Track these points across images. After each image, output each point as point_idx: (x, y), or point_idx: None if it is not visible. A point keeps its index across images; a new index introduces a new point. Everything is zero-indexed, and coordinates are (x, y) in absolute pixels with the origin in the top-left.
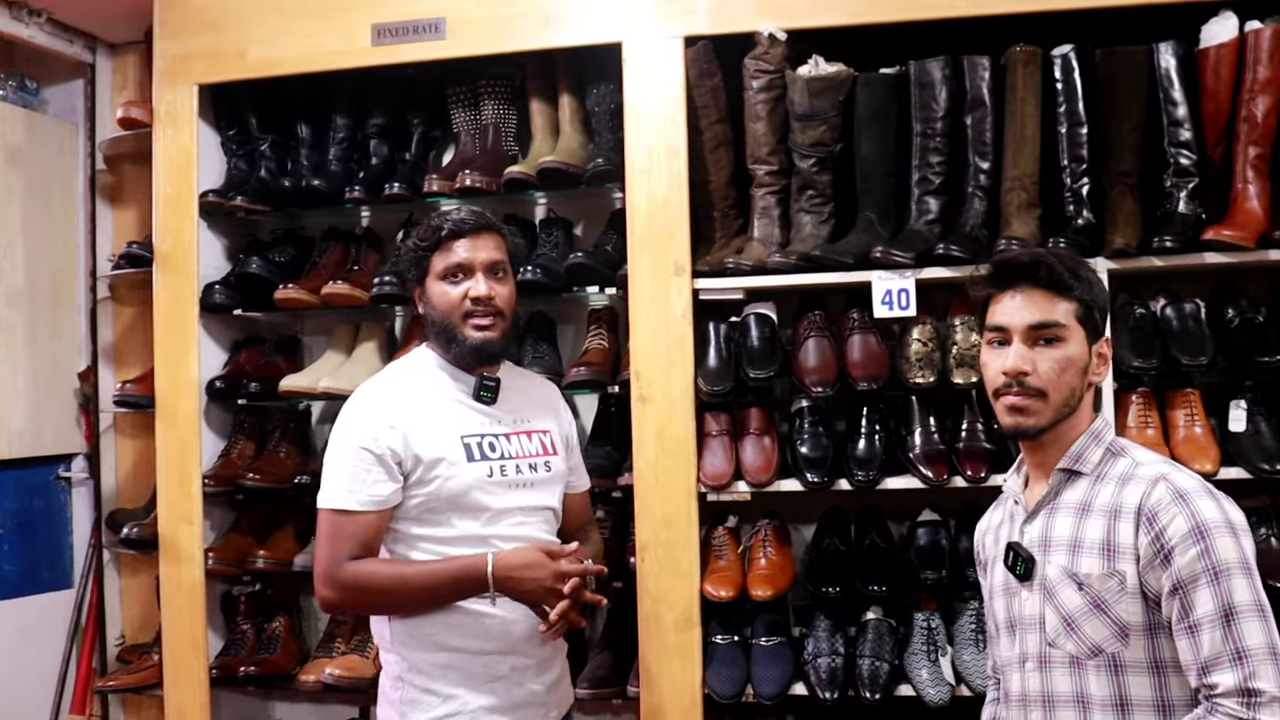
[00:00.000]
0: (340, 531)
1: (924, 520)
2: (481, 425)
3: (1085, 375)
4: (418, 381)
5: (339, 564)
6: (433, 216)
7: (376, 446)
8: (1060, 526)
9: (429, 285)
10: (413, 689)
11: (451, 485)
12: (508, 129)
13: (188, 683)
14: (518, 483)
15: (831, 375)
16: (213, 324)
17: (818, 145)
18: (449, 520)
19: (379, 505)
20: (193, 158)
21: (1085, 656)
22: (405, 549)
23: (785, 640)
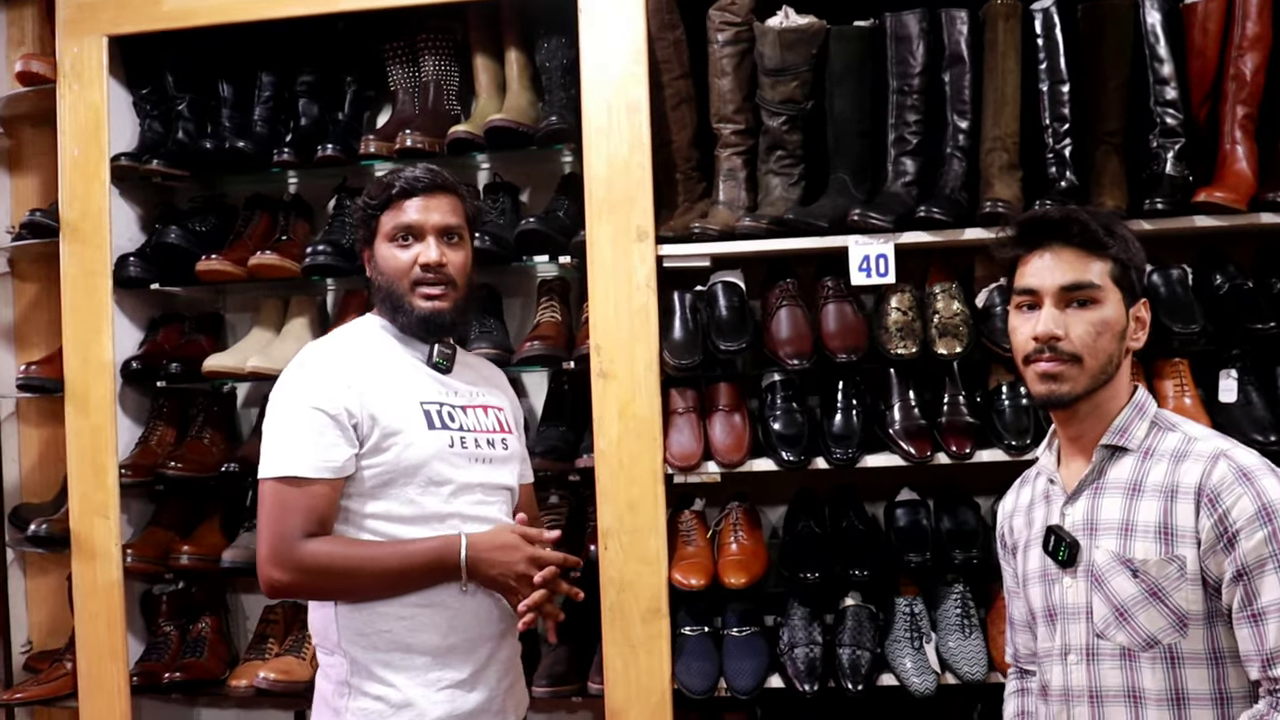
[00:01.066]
0: (290, 503)
1: (903, 500)
2: (440, 393)
3: (1122, 340)
4: (369, 345)
5: (293, 541)
6: (387, 173)
7: (331, 406)
8: (1108, 508)
9: (377, 247)
10: (363, 696)
11: (412, 454)
12: (450, 86)
13: (105, 692)
14: (478, 457)
15: (806, 347)
16: (127, 300)
17: (788, 102)
18: (407, 495)
19: (335, 472)
20: (103, 117)
21: (1139, 648)
22: (355, 531)
23: (759, 630)
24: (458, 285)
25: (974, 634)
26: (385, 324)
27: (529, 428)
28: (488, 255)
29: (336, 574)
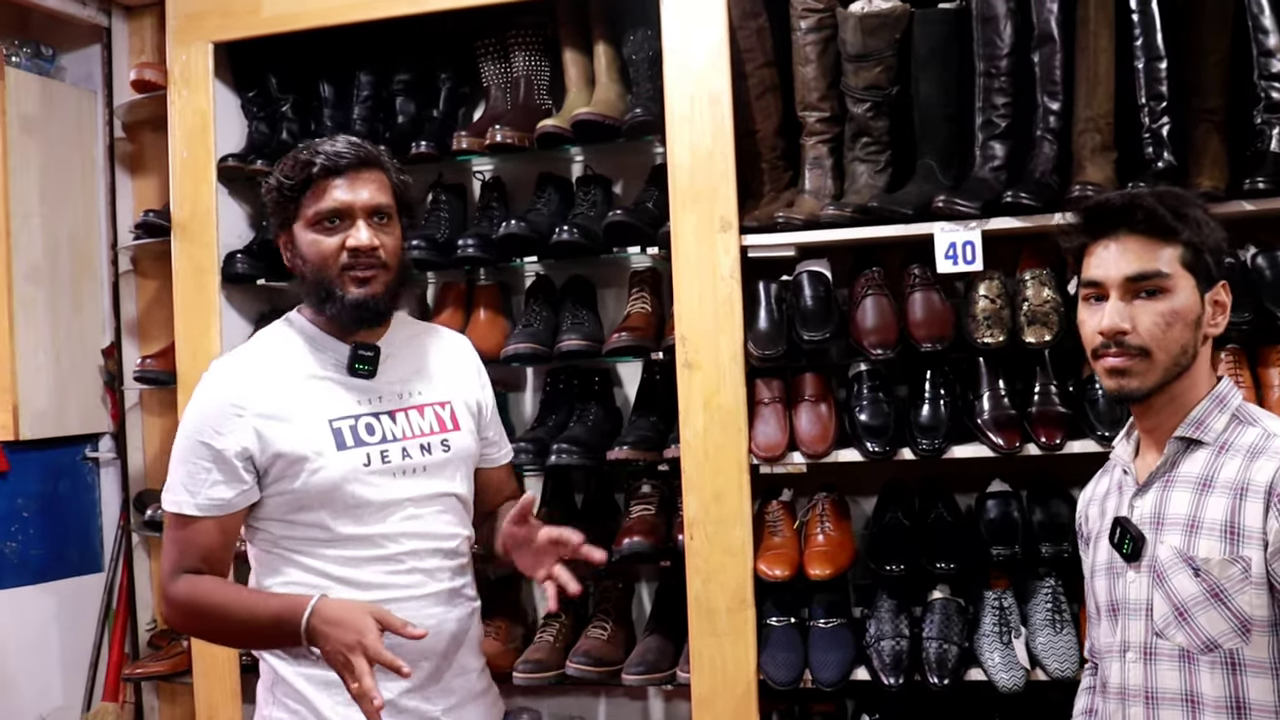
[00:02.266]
0: (177, 539)
1: (994, 491)
2: (354, 405)
3: (1198, 328)
4: (281, 355)
5: (170, 576)
6: (300, 148)
7: (219, 440)
8: (1176, 503)
9: (297, 233)
10: (282, 708)
11: (319, 479)
12: (540, 81)
13: (217, 670)
14: (404, 469)
15: (892, 336)
16: (236, 295)
17: (872, 88)
18: (321, 520)
19: (221, 509)
20: (209, 120)
21: (1198, 651)
22: (274, 559)
23: (845, 622)
24: (390, 267)
25: (1065, 630)
26: (304, 323)
27: (621, 417)
28: (576, 247)
29: (197, 614)
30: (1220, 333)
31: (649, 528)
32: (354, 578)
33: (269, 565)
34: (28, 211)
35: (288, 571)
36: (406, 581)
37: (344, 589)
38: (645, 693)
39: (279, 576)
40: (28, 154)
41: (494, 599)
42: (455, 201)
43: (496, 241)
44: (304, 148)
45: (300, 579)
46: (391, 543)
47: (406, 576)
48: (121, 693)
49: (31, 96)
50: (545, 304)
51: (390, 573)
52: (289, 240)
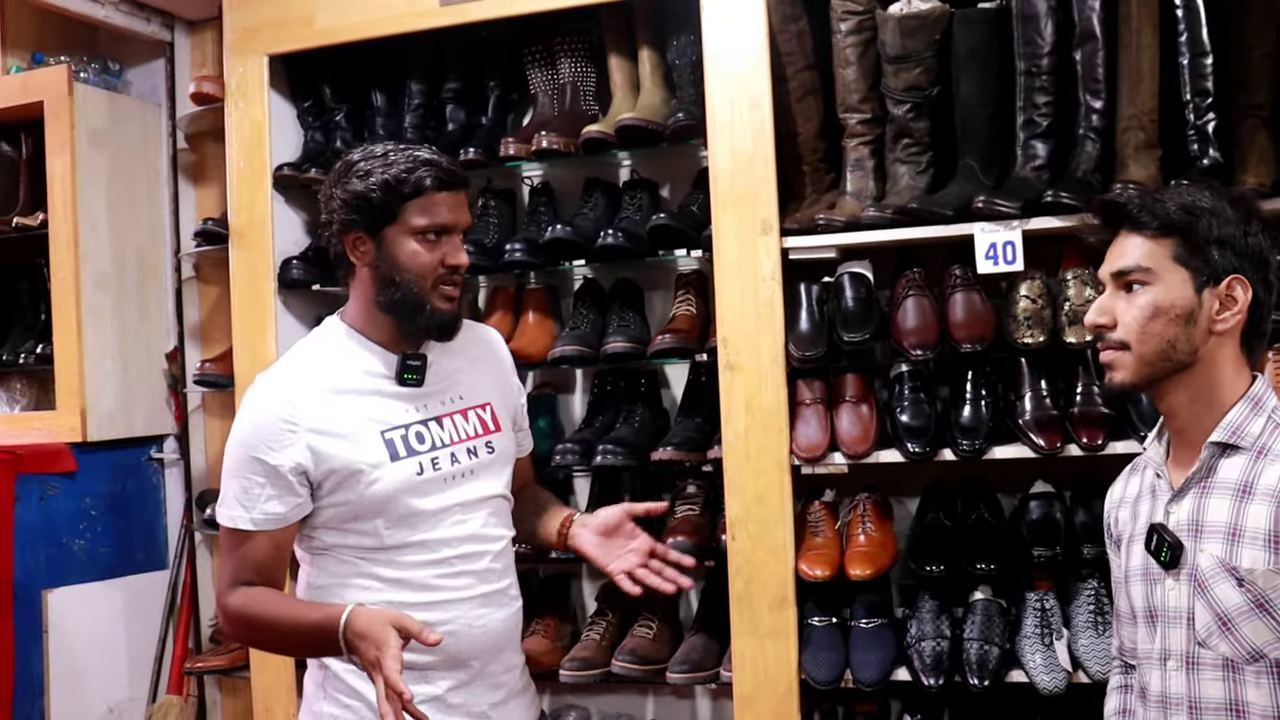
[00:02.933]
0: (233, 552)
1: (1037, 493)
2: (405, 414)
3: (1191, 324)
4: (328, 367)
5: (226, 588)
6: (390, 152)
7: (274, 456)
8: (1215, 510)
9: (392, 238)
10: (334, 703)
11: (374, 491)
12: (586, 88)
13: (273, 665)
14: (453, 475)
15: (933, 337)
16: (292, 300)
17: (912, 89)
18: (375, 529)
19: (278, 523)
20: (264, 130)
21: (1243, 661)
22: (324, 559)
23: (887, 622)
24: (463, 285)
25: (1108, 632)
26: (348, 331)
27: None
28: (621, 251)
29: (251, 627)
30: (1228, 328)
31: (693, 528)
32: (406, 579)
33: (321, 568)
34: (95, 221)
35: (340, 574)
36: (456, 584)
37: (396, 590)
38: (692, 691)
39: (331, 579)
40: (96, 166)
41: (542, 597)
42: (504, 207)
43: (543, 246)
44: (395, 151)
45: (352, 580)
46: (445, 547)
47: (456, 579)
48: (185, 686)
49: (99, 111)
50: (593, 307)
51: (440, 575)
52: (369, 242)
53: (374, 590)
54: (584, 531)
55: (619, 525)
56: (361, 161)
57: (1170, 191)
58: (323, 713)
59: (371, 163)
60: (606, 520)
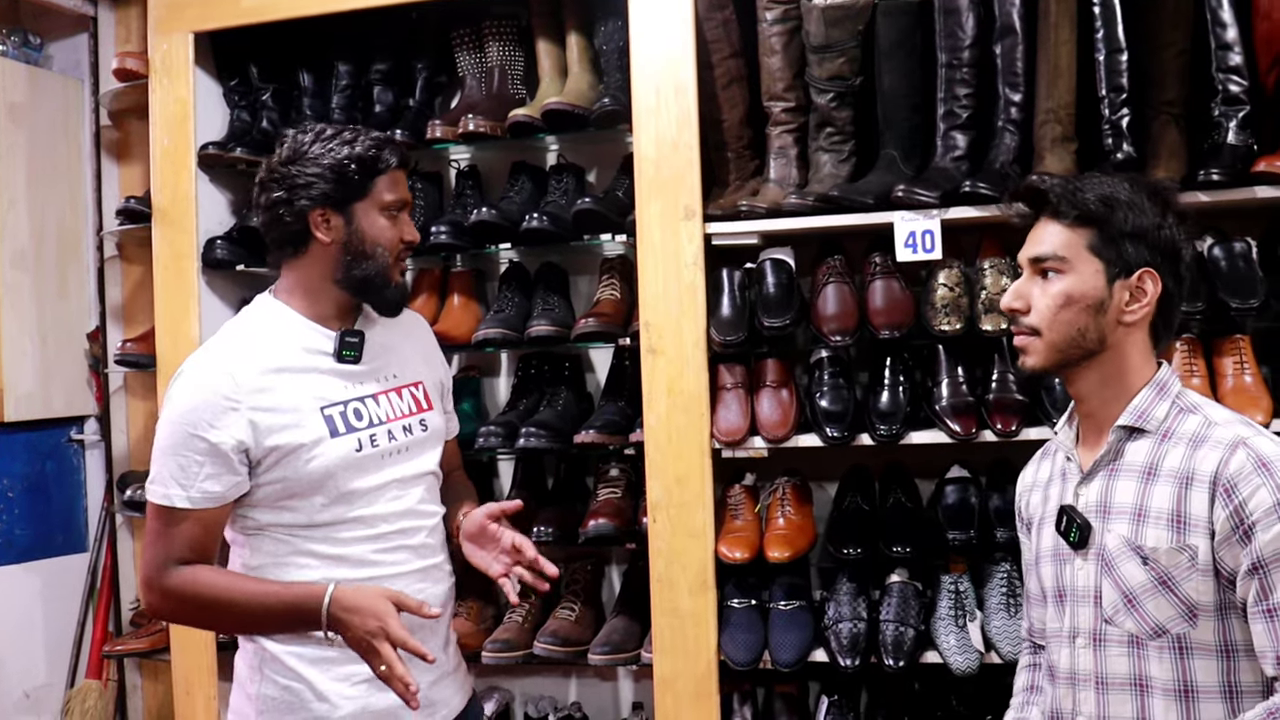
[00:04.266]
0: (167, 531)
1: (952, 477)
2: (343, 390)
3: (1101, 313)
4: (266, 344)
5: (164, 567)
6: (344, 131)
7: (213, 434)
8: (1122, 491)
9: (361, 213)
10: (272, 684)
11: (313, 468)
12: (514, 71)
13: (194, 646)
14: (390, 451)
15: (852, 323)
16: (216, 280)
17: (836, 79)
18: (313, 505)
19: (215, 501)
20: (189, 108)
21: (1147, 636)
22: (259, 539)
23: (805, 604)
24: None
25: (1020, 614)
26: (283, 309)
27: (592, 402)
28: (546, 235)
29: (199, 604)
30: (1136, 319)
31: (615, 510)
32: (344, 555)
33: (256, 548)
34: (14, 197)
35: (276, 553)
36: (394, 558)
37: (335, 567)
38: (614, 673)
39: (267, 558)
40: (14, 141)
41: (464, 580)
42: (430, 189)
43: (469, 228)
44: (346, 131)
45: (289, 559)
46: (383, 522)
47: (394, 554)
48: (104, 670)
49: (19, 85)
50: (518, 290)
51: (378, 550)
52: (338, 217)
53: (311, 568)
54: (465, 544)
55: (481, 530)
56: (319, 139)
57: (1091, 181)
58: (260, 695)
59: (331, 141)
60: (469, 529)
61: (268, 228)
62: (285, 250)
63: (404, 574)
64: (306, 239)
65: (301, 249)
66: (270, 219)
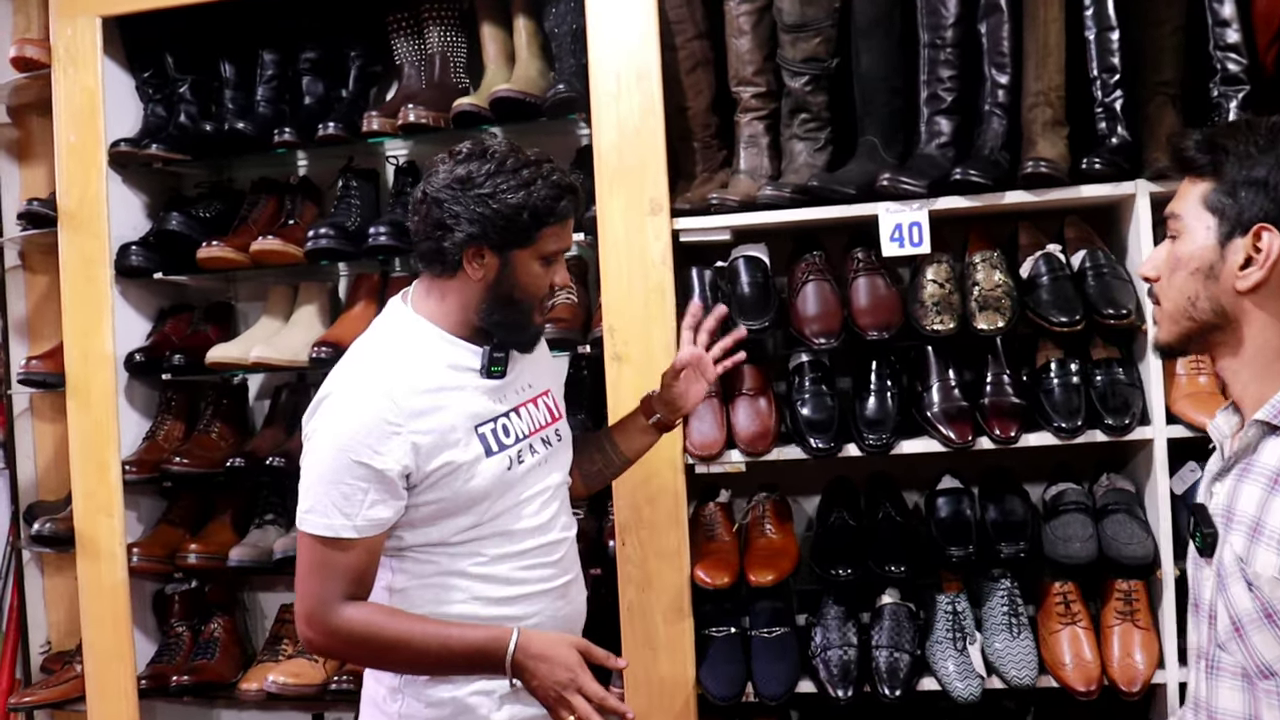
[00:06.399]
0: (330, 563)
1: (945, 489)
2: (492, 407)
3: (1214, 279)
4: (416, 362)
5: (330, 605)
6: (524, 169)
7: (379, 460)
8: (1246, 498)
9: (520, 260)
10: (415, 702)
11: (471, 487)
12: (457, 59)
13: (113, 695)
14: (534, 465)
15: (835, 324)
16: (132, 290)
17: (810, 61)
18: (464, 524)
19: (379, 529)
20: (98, 101)
21: (1255, 675)
22: (403, 560)
23: (789, 630)
24: None
25: (1023, 634)
26: (428, 325)
27: None
28: None
29: (372, 646)
30: (1249, 287)
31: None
32: (491, 574)
33: (400, 569)
34: None
35: (421, 574)
36: (538, 574)
37: (483, 585)
38: None
39: (412, 580)
40: None
41: None
42: (367, 188)
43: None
44: (527, 169)
45: (435, 579)
46: (528, 538)
47: (539, 570)
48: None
49: None
50: None
51: (525, 568)
52: (494, 259)
53: (459, 589)
54: (665, 391)
55: (689, 358)
56: (499, 173)
57: (1225, 126)
58: (402, 714)
59: (510, 178)
60: (679, 363)
61: (420, 239)
62: (432, 266)
63: (547, 590)
64: (456, 267)
65: (449, 273)
66: (424, 234)
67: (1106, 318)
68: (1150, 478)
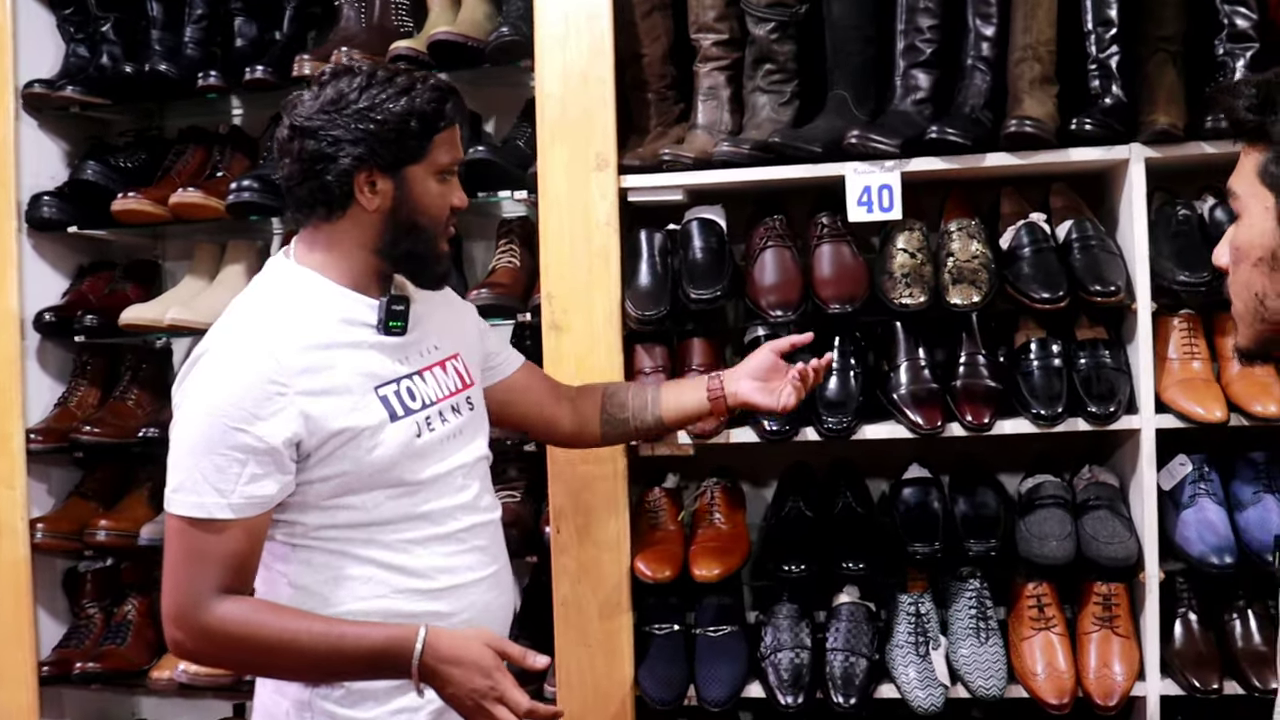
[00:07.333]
0: (202, 549)
1: (911, 478)
2: (394, 367)
3: (1277, 269)
4: (302, 316)
5: (203, 600)
6: (396, 76)
7: (259, 426)
8: None
9: (415, 178)
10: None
11: (375, 458)
12: (399, 0)
13: (10, 682)
14: (448, 435)
15: (795, 295)
16: (46, 245)
17: (777, 6)
18: (373, 502)
19: (263, 506)
20: (8, 38)
21: None
22: (308, 550)
23: (738, 629)
24: None
25: (991, 639)
26: (315, 276)
27: None
28: None
29: (251, 649)
30: None
31: (513, 518)
32: (412, 565)
33: (305, 562)
34: None
35: (330, 567)
36: (468, 562)
37: (403, 578)
38: None
39: (318, 574)
40: None
41: None
42: None
43: None
44: (399, 75)
45: (348, 572)
46: (449, 518)
47: (467, 556)
48: None
49: None
50: None
51: (451, 554)
52: (388, 181)
53: (376, 581)
54: (742, 385)
55: (774, 365)
56: (371, 85)
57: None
58: None
59: (385, 88)
60: (761, 365)
61: (296, 182)
62: (315, 211)
63: (477, 581)
64: (346, 202)
65: (337, 212)
66: (301, 174)
67: (1093, 295)
68: (1136, 472)
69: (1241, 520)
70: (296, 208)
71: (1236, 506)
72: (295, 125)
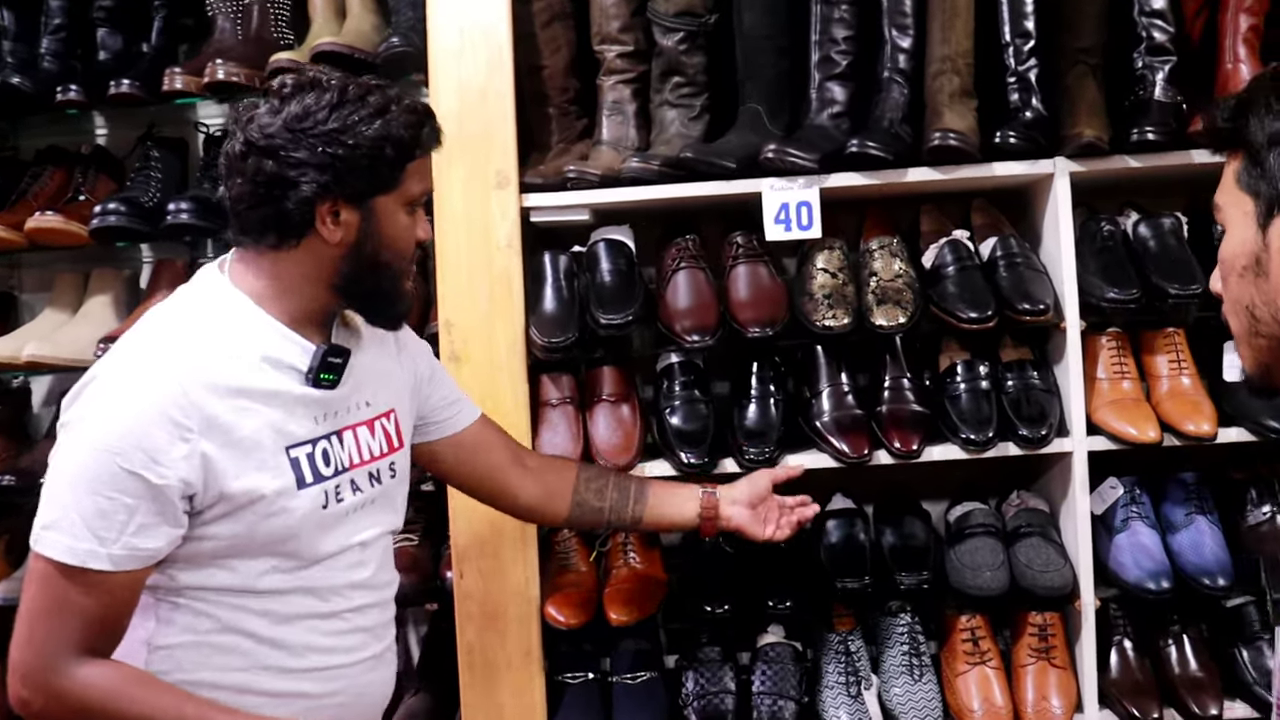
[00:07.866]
0: (69, 602)
1: (836, 509)
2: (312, 425)
3: (1263, 275)
4: (225, 349)
5: (60, 659)
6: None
7: (153, 471)
8: None
9: (384, 208)
10: None
11: (273, 525)
12: (279, 11)
13: None
14: (355, 506)
15: (711, 319)
16: None
17: (685, 15)
18: (258, 570)
19: (142, 563)
20: None
21: None
22: (174, 609)
23: (657, 675)
24: None
25: (925, 676)
26: (252, 305)
27: None
28: None
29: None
30: None
31: (410, 562)
32: (285, 640)
33: (170, 621)
34: None
35: (196, 630)
36: (350, 643)
37: (273, 653)
38: None
39: (183, 636)
40: None
41: None
42: (171, 159)
43: (218, 205)
44: (372, 95)
45: (213, 639)
46: (336, 596)
47: (350, 637)
48: None
49: None
50: None
51: (330, 633)
52: (354, 213)
53: (241, 653)
54: (736, 510)
55: (766, 494)
56: (342, 104)
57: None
58: None
59: (357, 109)
60: (759, 492)
61: (246, 205)
62: (265, 237)
63: (357, 663)
64: (303, 231)
65: (291, 241)
66: (254, 197)
67: (1022, 314)
68: (1067, 496)
69: (1174, 544)
70: (242, 231)
71: (1169, 529)
72: (252, 141)
